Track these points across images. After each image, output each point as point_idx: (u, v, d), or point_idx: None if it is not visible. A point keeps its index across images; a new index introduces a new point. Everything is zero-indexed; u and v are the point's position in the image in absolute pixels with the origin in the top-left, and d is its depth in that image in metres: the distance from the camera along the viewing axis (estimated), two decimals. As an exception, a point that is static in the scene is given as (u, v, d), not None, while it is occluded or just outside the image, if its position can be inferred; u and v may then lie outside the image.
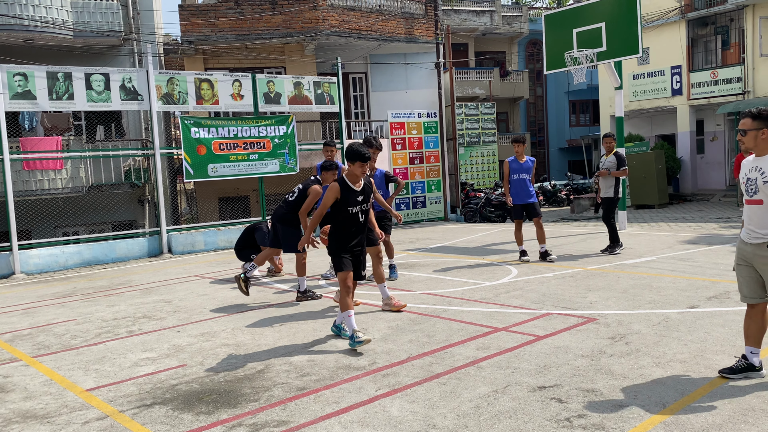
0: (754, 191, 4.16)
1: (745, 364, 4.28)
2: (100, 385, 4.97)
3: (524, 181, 9.84)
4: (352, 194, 5.58)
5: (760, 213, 4.13)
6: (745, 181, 4.25)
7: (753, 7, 20.45)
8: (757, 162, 4.18)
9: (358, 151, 5.53)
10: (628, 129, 24.84)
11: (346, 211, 5.58)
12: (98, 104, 13.08)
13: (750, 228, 4.21)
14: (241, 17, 17.78)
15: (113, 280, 10.72)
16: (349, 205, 5.57)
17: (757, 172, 4.14)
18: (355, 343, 5.39)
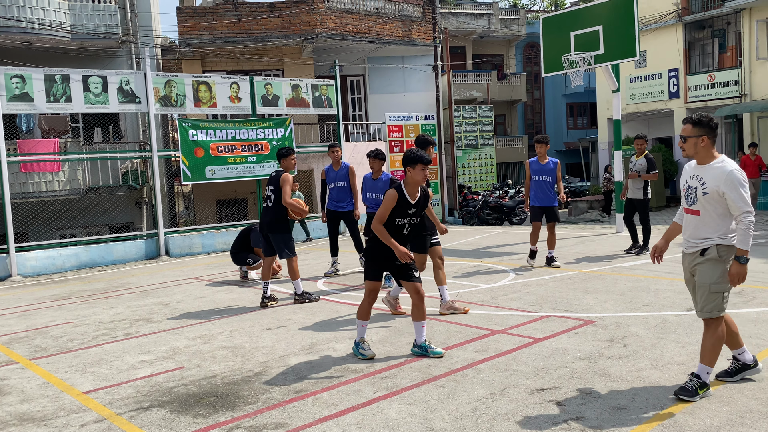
0: (693, 201, 4.08)
1: (739, 365, 4.27)
2: (98, 387, 4.96)
3: (546, 183, 9.46)
4: (406, 206, 5.15)
5: (696, 223, 4.08)
6: (686, 188, 4.17)
7: (750, 11, 20.52)
8: (698, 170, 4.09)
9: (419, 155, 5.09)
10: (626, 132, 24.87)
11: (393, 222, 5.16)
12: (96, 106, 13.06)
13: (686, 238, 4.17)
14: (239, 20, 17.79)
15: (110, 282, 10.70)
16: (398, 216, 5.15)
17: (697, 181, 4.06)
18: (359, 353, 5.26)
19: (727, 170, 3.94)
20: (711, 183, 3.97)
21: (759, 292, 6.85)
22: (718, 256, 3.99)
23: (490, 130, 25.18)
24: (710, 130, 4.04)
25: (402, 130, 18.52)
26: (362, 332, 5.32)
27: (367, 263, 5.29)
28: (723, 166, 3.97)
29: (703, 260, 4.03)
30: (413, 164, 5.09)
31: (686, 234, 4.16)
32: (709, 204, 3.99)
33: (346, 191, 9.64)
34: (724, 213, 3.97)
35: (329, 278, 9.58)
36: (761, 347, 4.93)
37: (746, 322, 5.67)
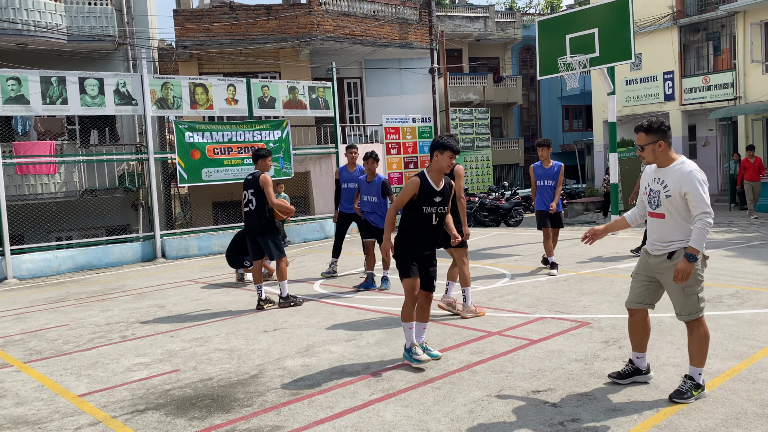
0: (657, 204, 4.10)
1: (633, 368, 4.35)
2: (93, 390, 4.94)
3: (551, 188, 9.27)
4: (431, 193, 4.91)
5: (661, 226, 4.09)
6: (648, 192, 4.19)
7: (744, 14, 20.60)
8: (659, 174, 4.11)
9: (449, 143, 4.91)
10: (621, 134, 24.94)
11: (420, 211, 4.91)
12: (92, 109, 13.05)
13: (652, 241, 4.19)
14: (235, 22, 17.80)
15: (106, 285, 10.68)
16: (425, 204, 4.90)
17: (659, 184, 4.08)
18: (413, 359, 4.92)
19: (687, 170, 3.98)
20: (673, 185, 4.00)
21: (754, 294, 6.87)
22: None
23: (486, 132, 25.21)
24: (664, 134, 4.06)
25: (399, 132, 18.54)
26: (411, 336, 5.02)
27: (399, 262, 5.03)
28: (683, 167, 4.01)
29: (671, 264, 4.05)
30: (442, 150, 4.90)
31: (652, 237, 4.18)
32: (673, 207, 4.01)
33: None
34: (688, 216, 4.00)
35: (325, 279, 9.57)
36: (756, 348, 4.94)
37: (741, 323, 5.68)
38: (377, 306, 7.41)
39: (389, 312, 7.03)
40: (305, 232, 16.04)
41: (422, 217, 4.93)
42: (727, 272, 8.24)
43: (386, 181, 8.67)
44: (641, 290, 4.27)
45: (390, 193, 8.55)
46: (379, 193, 8.62)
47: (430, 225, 4.98)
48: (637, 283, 4.29)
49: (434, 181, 4.92)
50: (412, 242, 4.98)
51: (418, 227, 4.95)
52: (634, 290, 4.31)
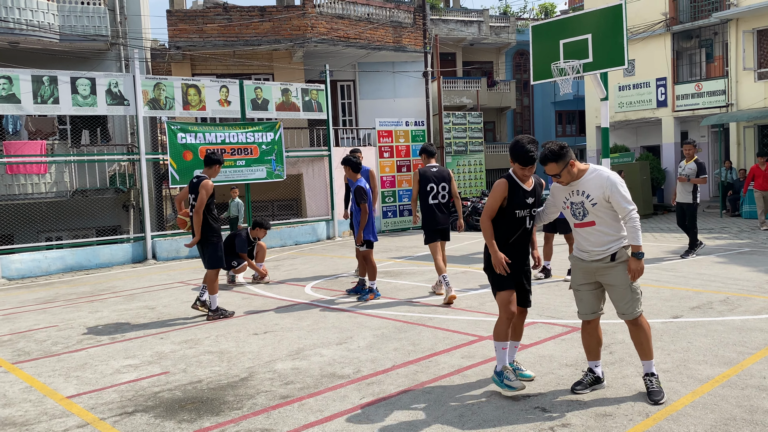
0: (583, 214, 4.22)
1: (594, 378, 4.40)
2: (81, 392, 4.91)
3: None
4: (522, 194, 4.45)
5: (595, 233, 4.21)
6: (569, 205, 4.29)
7: (737, 21, 20.74)
8: (576, 186, 4.22)
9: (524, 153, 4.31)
10: (614, 140, 25.06)
11: (512, 216, 4.45)
12: (84, 108, 12.98)
13: (587, 249, 4.27)
14: (229, 23, 17.76)
15: (96, 286, 10.61)
16: (517, 208, 4.44)
17: (580, 195, 4.20)
18: (504, 385, 4.31)
19: (605, 176, 4.15)
20: (595, 192, 4.14)
21: (744, 300, 6.90)
22: (627, 257, 4.18)
23: (479, 136, 25.24)
24: (568, 154, 4.17)
25: (392, 136, 18.53)
26: (503, 358, 4.41)
27: (491, 274, 4.54)
28: (600, 174, 4.17)
29: (616, 264, 4.19)
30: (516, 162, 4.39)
31: (587, 244, 4.26)
32: (601, 212, 4.16)
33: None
34: (616, 216, 4.17)
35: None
36: (746, 354, 4.96)
37: (731, 330, 5.70)
38: (369, 309, 7.39)
39: (381, 315, 7.01)
40: (297, 234, 16.00)
41: (514, 222, 4.48)
42: (718, 279, 8.28)
43: (360, 188, 7.98)
44: (592, 299, 4.36)
45: (362, 201, 7.92)
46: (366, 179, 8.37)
47: (524, 229, 4.54)
48: (587, 294, 4.36)
49: (522, 180, 4.46)
50: (504, 251, 4.48)
51: (509, 234, 4.49)
52: (585, 302, 4.37)
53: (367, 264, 8.10)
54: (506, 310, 4.42)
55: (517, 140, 4.37)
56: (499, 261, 4.38)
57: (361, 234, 7.99)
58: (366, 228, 8.04)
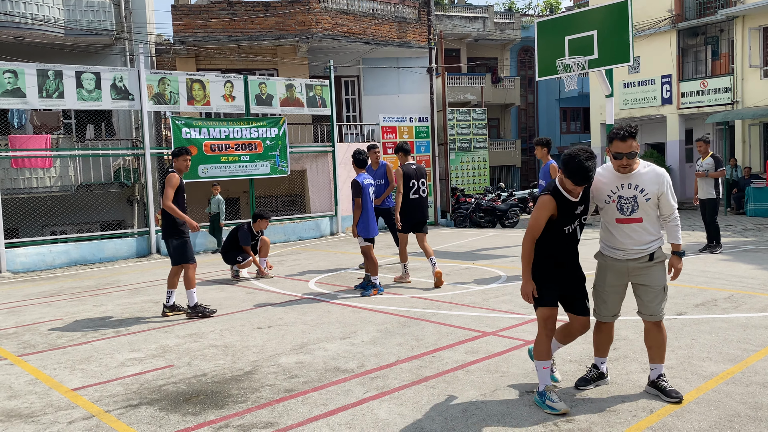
0: (633, 209, 4.02)
1: (598, 374, 4.39)
2: (86, 384, 4.93)
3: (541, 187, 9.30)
4: (570, 207, 4.01)
5: (639, 230, 4.05)
6: (616, 199, 4.05)
7: (743, 18, 20.66)
8: (627, 179, 4.01)
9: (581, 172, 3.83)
10: (618, 137, 25.00)
11: (560, 233, 4.05)
12: (88, 103, 13.01)
13: (626, 247, 4.09)
14: (234, 18, 17.76)
15: (101, 280, 10.65)
16: (566, 224, 4.04)
17: (632, 189, 4.01)
18: (546, 406, 3.96)
19: (659, 172, 4.04)
20: (651, 188, 4.00)
21: (748, 298, 6.89)
22: (665, 257, 4.13)
23: (483, 133, 25.23)
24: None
25: (396, 132, 18.53)
26: (546, 378, 4.07)
27: (537, 287, 4.15)
28: (654, 169, 4.04)
29: (653, 263, 4.09)
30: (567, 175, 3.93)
31: (629, 242, 4.09)
32: (650, 209, 4.04)
33: (384, 189, 9.79)
34: (656, 215, 4.10)
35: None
36: (750, 351, 4.96)
37: (735, 327, 5.70)
38: (373, 304, 7.41)
39: (384, 311, 7.02)
40: (301, 230, 16.02)
41: (563, 238, 4.10)
42: (722, 276, 8.26)
43: (354, 182, 8.07)
44: (617, 301, 4.28)
45: (356, 196, 7.99)
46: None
47: (574, 241, 4.18)
48: (613, 296, 4.25)
49: (570, 193, 3.98)
50: (555, 267, 4.14)
51: (557, 252, 4.13)
52: (610, 304, 4.25)
53: (367, 259, 8.15)
54: (545, 327, 4.09)
55: (574, 155, 3.85)
56: (527, 291, 4.08)
57: (354, 229, 8.06)
58: (362, 223, 8.03)
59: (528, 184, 33.96)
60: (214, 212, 14.22)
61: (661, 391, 4.09)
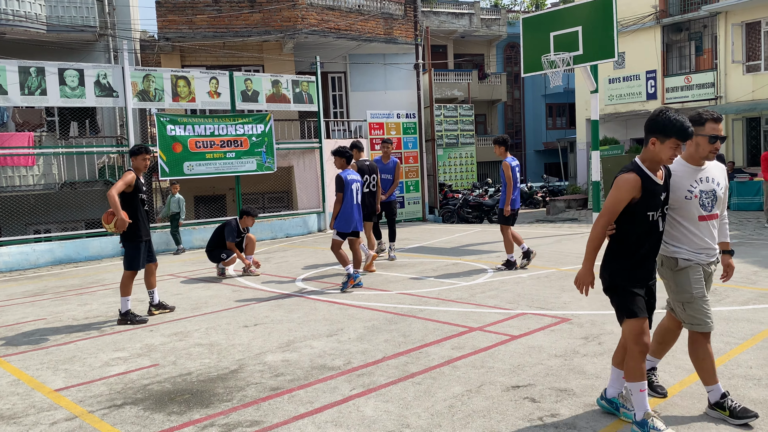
0: (713, 205, 3.66)
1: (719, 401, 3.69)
2: (70, 385, 4.88)
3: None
4: (655, 189, 3.46)
5: (716, 226, 3.73)
6: (698, 194, 3.61)
7: (726, 14, 20.83)
8: (704, 173, 3.65)
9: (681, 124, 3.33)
10: (604, 132, 25.14)
11: (644, 220, 3.47)
12: (72, 100, 12.88)
13: (710, 246, 3.69)
14: (218, 15, 17.64)
15: (85, 278, 10.56)
16: (651, 209, 3.46)
17: (711, 183, 3.65)
18: None
19: (721, 165, 3.76)
20: (723, 181, 3.72)
21: (732, 291, 6.96)
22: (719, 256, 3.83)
23: (470, 129, 25.26)
24: None
25: (383, 128, 18.52)
26: (643, 402, 3.45)
27: (617, 296, 3.55)
28: (718, 163, 3.75)
29: (717, 264, 3.80)
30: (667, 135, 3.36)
31: (712, 242, 3.67)
32: (723, 204, 3.76)
33: (390, 183, 10.59)
34: None
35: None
36: (733, 345, 5.00)
37: (719, 320, 5.75)
38: (359, 301, 7.40)
39: (371, 307, 7.02)
40: (288, 227, 15.98)
41: (647, 227, 3.49)
42: (706, 270, 8.33)
43: (337, 177, 8.24)
44: None
45: (338, 191, 8.17)
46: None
47: (657, 234, 3.55)
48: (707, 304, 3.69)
49: (654, 173, 3.48)
50: (636, 265, 3.52)
51: (640, 243, 3.51)
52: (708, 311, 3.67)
53: (334, 253, 8.28)
54: (638, 342, 3.44)
55: (659, 112, 3.41)
56: (586, 282, 3.57)
57: (333, 221, 8.28)
58: (341, 218, 8.22)
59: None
60: (174, 212, 13.63)
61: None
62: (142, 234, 6.94)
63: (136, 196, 6.92)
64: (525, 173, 38.20)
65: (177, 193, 13.82)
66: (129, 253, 6.94)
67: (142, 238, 6.95)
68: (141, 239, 6.93)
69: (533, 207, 27.30)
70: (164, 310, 7.32)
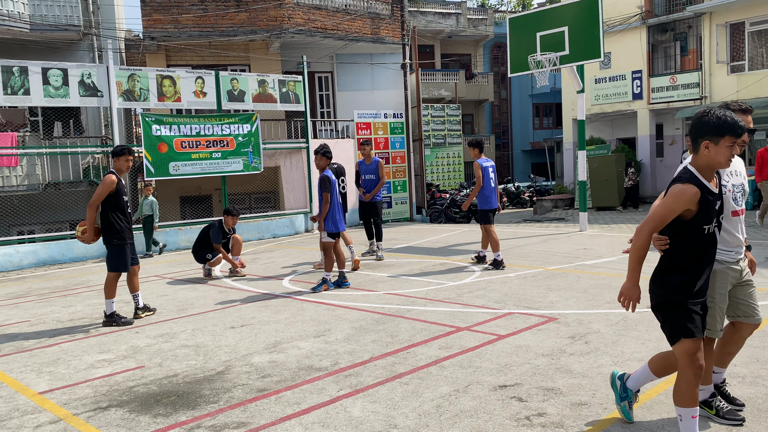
0: (741, 199, 3.55)
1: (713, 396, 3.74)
2: (54, 387, 4.83)
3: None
4: (712, 202, 3.15)
5: (743, 222, 3.58)
6: (731, 188, 3.51)
7: (710, 15, 21.01)
8: (733, 165, 3.61)
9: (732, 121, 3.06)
10: (590, 132, 25.28)
11: (701, 233, 3.15)
12: (56, 100, 12.75)
13: (741, 242, 3.54)
14: (204, 14, 17.55)
15: (70, 280, 10.46)
16: (706, 222, 3.15)
17: (738, 176, 3.58)
18: None
19: (740, 159, 3.68)
20: (744, 173, 3.67)
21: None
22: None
23: (457, 129, 25.31)
24: None
25: (370, 128, 18.50)
26: (694, 430, 3.20)
27: (670, 313, 3.23)
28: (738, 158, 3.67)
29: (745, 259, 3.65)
30: (720, 134, 3.07)
31: (738, 238, 3.53)
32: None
33: (374, 183, 10.67)
34: None
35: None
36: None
37: (704, 318, 5.79)
38: (346, 302, 7.38)
39: (359, 308, 7.01)
40: (275, 227, 15.92)
41: (702, 241, 3.19)
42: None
43: (322, 177, 8.17)
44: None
45: (324, 190, 8.11)
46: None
47: (714, 245, 3.26)
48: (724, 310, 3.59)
49: (708, 179, 3.17)
50: (693, 281, 3.21)
51: (697, 256, 3.21)
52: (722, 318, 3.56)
53: (327, 256, 8.22)
54: (692, 364, 3.14)
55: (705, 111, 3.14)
56: (633, 295, 3.25)
57: (322, 222, 8.19)
58: (329, 217, 8.16)
59: (502, 180, 34.16)
60: (147, 215, 13.19)
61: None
62: (126, 236, 6.86)
63: (120, 197, 6.83)
64: (512, 173, 38.33)
65: (150, 195, 13.39)
66: (113, 255, 6.85)
67: (126, 240, 6.86)
68: (125, 241, 6.86)
69: (520, 206, 27.40)
70: (149, 312, 7.26)
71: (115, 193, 6.78)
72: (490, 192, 9.36)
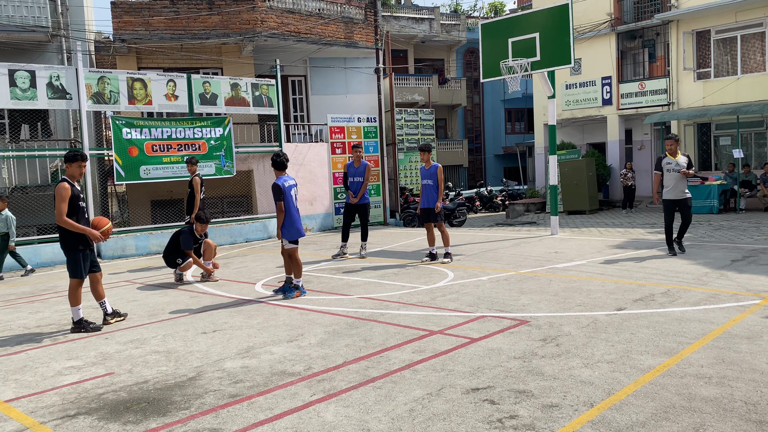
0: None
1: None
2: (20, 395, 4.73)
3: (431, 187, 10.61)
4: None
5: None
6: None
7: (677, 23, 21.45)
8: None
9: None
10: (561, 137, 25.61)
11: None
12: (23, 102, 12.51)
13: None
14: (176, 16, 17.38)
15: (37, 285, 10.25)
16: None
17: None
18: None
19: None
20: None
21: (684, 292, 7.15)
22: None
23: (431, 133, 25.42)
24: None
25: (344, 132, 18.49)
26: None
27: None
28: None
29: None
30: None
31: None
32: None
33: (360, 186, 11.27)
34: None
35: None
36: (685, 344, 5.14)
37: (672, 321, 5.90)
38: (319, 306, 7.36)
39: (332, 312, 6.99)
40: (248, 231, 15.81)
41: None
42: (660, 272, 8.55)
43: (274, 185, 7.97)
44: None
45: (277, 199, 7.94)
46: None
47: None
48: None
49: None
50: None
51: None
52: None
53: (292, 262, 8.10)
54: None
55: None
56: None
57: (279, 232, 8.00)
58: (287, 226, 7.97)
59: (475, 184, 34.40)
60: (2, 232, 11.64)
61: None
62: (81, 243, 6.68)
63: (75, 204, 6.63)
64: (485, 177, 38.61)
65: (5, 209, 11.74)
66: (69, 262, 6.70)
67: (82, 247, 6.67)
68: (81, 248, 6.66)
69: (493, 210, 27.60)
70: (119, 318, 7.15)
71: (71, 200, 6.60)
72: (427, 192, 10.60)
